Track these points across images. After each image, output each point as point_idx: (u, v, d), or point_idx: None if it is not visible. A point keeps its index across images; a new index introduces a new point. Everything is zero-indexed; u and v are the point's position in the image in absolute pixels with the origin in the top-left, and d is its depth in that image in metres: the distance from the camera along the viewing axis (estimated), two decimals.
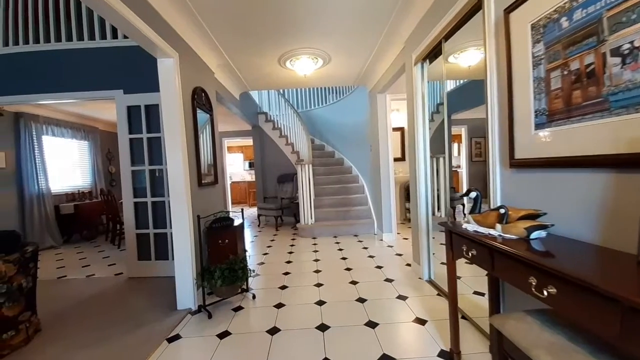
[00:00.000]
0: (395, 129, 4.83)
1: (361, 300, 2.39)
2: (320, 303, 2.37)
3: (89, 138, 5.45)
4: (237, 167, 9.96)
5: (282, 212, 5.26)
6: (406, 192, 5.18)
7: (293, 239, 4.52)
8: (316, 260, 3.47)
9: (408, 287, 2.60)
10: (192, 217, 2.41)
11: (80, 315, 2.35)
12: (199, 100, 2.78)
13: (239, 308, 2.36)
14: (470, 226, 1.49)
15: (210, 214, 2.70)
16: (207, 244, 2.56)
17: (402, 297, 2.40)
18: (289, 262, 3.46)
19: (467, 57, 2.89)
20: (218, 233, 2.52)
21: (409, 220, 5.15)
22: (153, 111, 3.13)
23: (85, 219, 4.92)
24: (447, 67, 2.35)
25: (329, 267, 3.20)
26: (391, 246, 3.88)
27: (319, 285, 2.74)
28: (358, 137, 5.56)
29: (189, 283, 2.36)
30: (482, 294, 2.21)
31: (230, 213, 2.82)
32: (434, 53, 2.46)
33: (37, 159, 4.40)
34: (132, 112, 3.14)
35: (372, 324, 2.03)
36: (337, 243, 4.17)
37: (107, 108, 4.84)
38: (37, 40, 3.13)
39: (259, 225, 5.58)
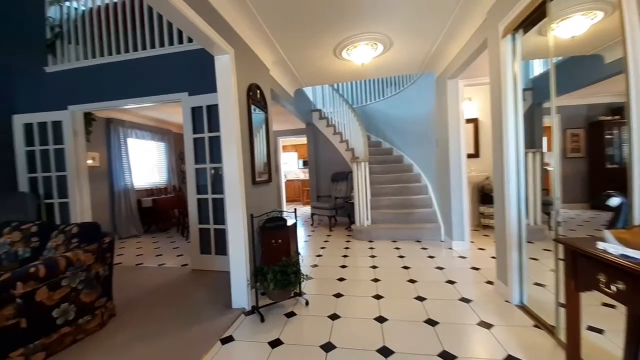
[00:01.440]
0: (467, 121, 4.18)
1: (431, 322, 2.01)
2: (381, 320, 2.07)
3: (164, 140, 6.07)
4: (291, 166, 10.15)
5: (336, 212, 5.05)
6: (480, 194, 4.46)
7: (348, 241, 4.26)
8: (374, 267, 3.15)
9: (492, 311, 2.11)
10: (246, 215, 2.35)
11: (149, 303, 2.50)
12: (254, 97, 2.73)
13: (292, 314, 2.21)
14: (613, 247, 1.03)
15: (263, 212, 2.63)
16: (260, 243, 2.48)
17: (485, 325, 1.95)
18: (343, 266, 3.21)
19: (570, 25, 2.25)
20: (271, 233, 2.42)
21: (484, 227, 4.42)
22: (214, 111, 3.21)
23: (161, 212, 5.48)
24: (536, 43, 1.82)
25: (388, 277, 2.86)
26: (463, 257, 3.32)
27: (378, 297, 2.43)
28: (420, 132, 5.01)
29: (243, 283, 2.31)
30: (600, 331, 1.66)
31: (284, 212, 2.71)
32: (530, 19, 1.93)
33: (123, 159, 5.03)
34: (196, 113, 3.28)
35: (448, 357, 1.65)
36: (397, 249, 3.77)
37: (178, 112, 5.29)
38: (118, 51, 3.49)
39: (312, 225, 5.48)
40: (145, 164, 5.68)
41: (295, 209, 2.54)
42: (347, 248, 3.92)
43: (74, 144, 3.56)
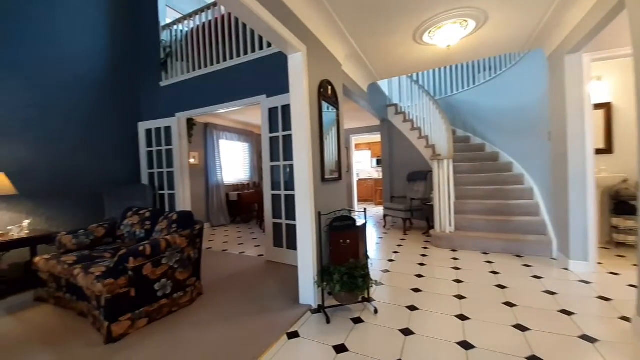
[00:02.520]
0: (596, 106, 3.21)
1: None
2: (466, 345, 1.72)
3: (248, 140, 6.71)
4: (364, 165, 9.92)
5: (411, 215, 4.62)
6: (614, 202, 3.38)
7: (425, 248, 3.83)
8: (457, 281, 2.72)
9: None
10: (314, 212, 2.31)
11: (229, 287, 2.73)
12: (325, 93, 2.67)
13: (359, 320, 2.06)
14: None
15: (332, 211, 2.55)
16: (328, 242, 2.41)
17: None
18: (419, 276, 2.87)
19: None
20: (339, 232, 2.31)
21: (618, 244, 3.34)
22: (287, 111, 3.30)
23: (244, 206, 6.07)
24: None
25: (477, 295, 2.40)
26: (586, 282, 2.55)
27: (462, 317, 2.05)
28: (523, 124, 4.14)
29: (310, 280, 2.28)
30: None
31: (354, 212, 2.57)
32: None
33: (216, 158, 5.76)
34: (272, 114, 3.45)
35: None
36: (489, 263, 3.18)
37: (259, 114, 5.74)
38: (212, 63, 3.97)
39: (384, 226, 5.17)
40: (233, 163, 6.38)
41: (365, 209, 2.38)
42: (424, 255, 3.52)
43: (179, 145, 4.22)
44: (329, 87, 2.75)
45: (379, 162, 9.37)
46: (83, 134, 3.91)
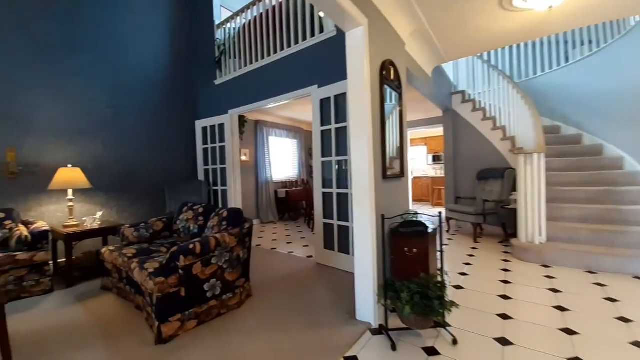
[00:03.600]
0: None
1: None
2: None
3: (296, 137, 6.60)
4: (419, 162, 9.12)
5: (484, 219, 3.94)
6: None
7: (505, 261, 3.18)
8: (560, 308, 2.11)
9: None
10: (374, 214, 1.96)
11: (278, 290, 2.54)
12: (387, 76, 2.29)
13: (433, 351, 1.66)
14: None
15: (394, 212, 2.17)
16: (390, 249, 2.05)
17: None
18: (505, 297, 2.32)
19: None
20: (405, 239, 1.93)
21: None
22: (341, 100, 3.02)
23: (292, 203, 5.97)
24: None
25: (592, 329, 1.80)
26: None
27: None
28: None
29: (370, 294, 1.95)
30: None
31: (422, 215, 2.16)
32: None
33: (266, 155, 5.75)
34: (324, 105, 3.19)
35: None
36: (600, 286, 2.46)
37: (307, 110, 5.55)
38: (263, 56, 3.86)
39: (447, 231, 4.55)
40: (281, 159, 6.33)
41: (440, 213, 1.95)
42: (506, 270, 2.90)
43: (231, 142, 4.24)
44: (392, 69, 2.36)
45: (435, 159, 8.52)
46: (148, 132, 4.15)
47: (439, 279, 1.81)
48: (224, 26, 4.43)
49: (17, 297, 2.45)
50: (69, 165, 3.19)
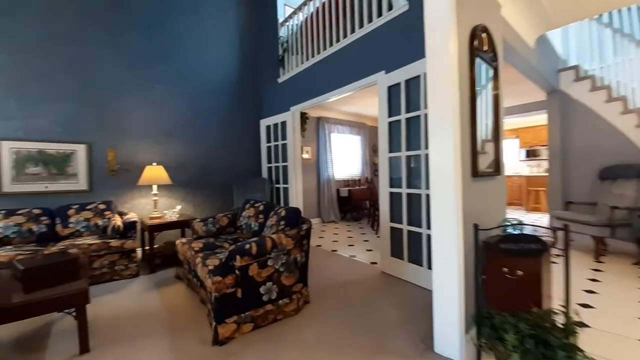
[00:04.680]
0: None
1: None
2: None
3: (360, 133, 6.27)
4: (509, 157, 7.62)
5: (611, 232, 2.95)
6: None
7: None
8: None
9: None
10: (461, 222, 1.53)
11: (338, 300, 2.30)
12: (480, 46, 1.81)
13: None
14: None
15: (489, 220, 1.69)
16: (483, 268, 1.59)
17: None
18: None
19: None
20: (507, 258, 1.46)
21: None
22: (413, 86, 2.60)
23: (355, 202, 5.67)
24: None
25: None
26: None
27: None
28: None
29: (454, 324, 1.53)
30: None
31: (525, 225, 1.63)
32: None
33: (328, 152, 5.58)
34: (392, 93, 2.80)
35: None
36: None
37: (372, 104, 5.17)
38: (325, 47, 3.66)
39: (553, 245, 3.60)
40: (344, 157, 6.09)
41: (567, 226, 1.42)
42: None
43: (293, 139, 4.18)
44: (485, 37, 1.86)
45: (530, 154, 7.07)
46: (219, 133, 4.41)
47: (559, 315, 1.29)
48: (287, 23, 4.41)
49: (110, 279, 2.79)
50: (154, 164, 3.55)
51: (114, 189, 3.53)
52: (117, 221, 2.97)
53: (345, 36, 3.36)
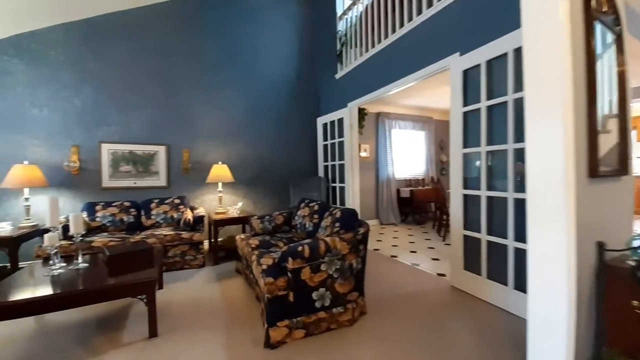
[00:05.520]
0: None
1: None
2: None
3: (424, 128, 5.71)
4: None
5: None
6: None
7: None
8: None
9: None
10: (573, 236, 1.14)
11: (400, 314, 2.04)
12: (599, 7, 1.35)
13: None
14: None
15: (614, 236, 1.24)
16: (602, 299, 1.15)
17: None
18: None
19: None
20: None
21: None
22: (496, 67, 2.16)
23: (417, 204, 5.19)
24: None
25: None
26: None
27: None
28: None
29: None
30: None
31: None
32: None
33: (387, 150, 5.23)
34: (469, 77, 2.38)
35: None
36: None
37: (440, 94, 4.64)
38: (386, 35, 3.37)
39: None
40: (405, 154, 5.63)
41: None
42: None
43: (350, 136, 4.00)
44: None
45: None
46: (277, 132, 4.50)
47: None
48: (345, 16, 4.23)
49: (181, 268, 3.03)
50: (220, 163, 3.78)
51: (186, 186, 3.88)
52: (188, 215, 3.24)
53: (410, 19, 3.02)
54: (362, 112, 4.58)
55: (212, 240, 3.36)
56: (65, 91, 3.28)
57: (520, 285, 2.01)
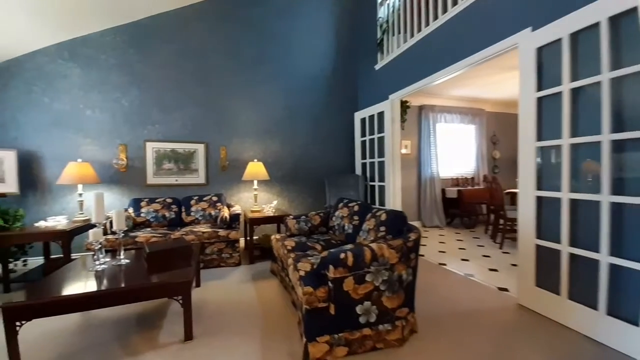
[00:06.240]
0: None
1: None
2: None
3: (475, 121, 5.16)
4: None
5: None
6: None
7: None
8: None
9: None
10: None
11: (455, 335, 1.74)
12: None
13: None
14: None
15: None
16: None
17: None
18: None
19: None
20: None
21: None
22: (583, 41, 1.74)
23: (466, 206, 4.69)
24: None
25: None
26: None
27: None
28: None
29: None
30: None
31: None
32: None
33: (431, 146, 4.80)
34: (545, 56, 1.98)
35: None
36: None
37: (495, 82, 4.12)
38: (435, 16, 3.01)
39: None
40: (451, 151, 5.14)
41: None
42: None
43: (391, 131, 3.69)
44: None
45: None
46: (312, 128, 4.34)
47: None
48: (387, 1, 3.91)
49: (218, 265, 3.01)
50: (255, 160, 3.72)
51: (223, 183, 3.89)
52: (225, 212, 3.21)
53: None
54: (404, 105, 4.24)
55: (248, 238, 3.30)
56: (114, 93, 3.45)
57: (617, 310, 1.60)
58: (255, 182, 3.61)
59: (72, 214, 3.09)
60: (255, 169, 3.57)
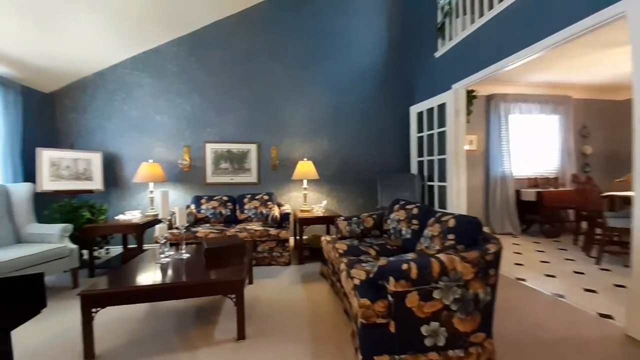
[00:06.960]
0: None
1: None
2: None
3: (558, 111, 4.35)
4: None
5: None
6: None
7: None
8: None
9: None
10: None
11: None
12: None
13: None
14: None
15: None
16: None
17: None
18: None
19: None
20: None
21: None
22: None
23: (547, 211, 3.98)
24: None
25: None
26: None
27: None
28: None
29: None
30: None
31: None
32: None
33: (502, 141, 4.20)
34: None
35: None
36: None
37: (585, 64, 3.39)
38: None
39: None
40: (529, 146, 4.42)
41: None
42: None
43: (454, 125, 3.29)
44: None
45: None
46: (361, 125, 4.13)
47: None
48: None
49: (269, 264, 3.03)
50: (305, 159, 3.67)
51: (274, 182, 3.93)
52: (275, 211, 3.22)
53: None
54: (470, 95, 3.75)
55: (297, 238, 3.26)
56: (178, 99, 3.73)
57: None
58: (305, 181, 3.56)
59: (145, 209, 3.43)
60: (305, 168, 3.52)
